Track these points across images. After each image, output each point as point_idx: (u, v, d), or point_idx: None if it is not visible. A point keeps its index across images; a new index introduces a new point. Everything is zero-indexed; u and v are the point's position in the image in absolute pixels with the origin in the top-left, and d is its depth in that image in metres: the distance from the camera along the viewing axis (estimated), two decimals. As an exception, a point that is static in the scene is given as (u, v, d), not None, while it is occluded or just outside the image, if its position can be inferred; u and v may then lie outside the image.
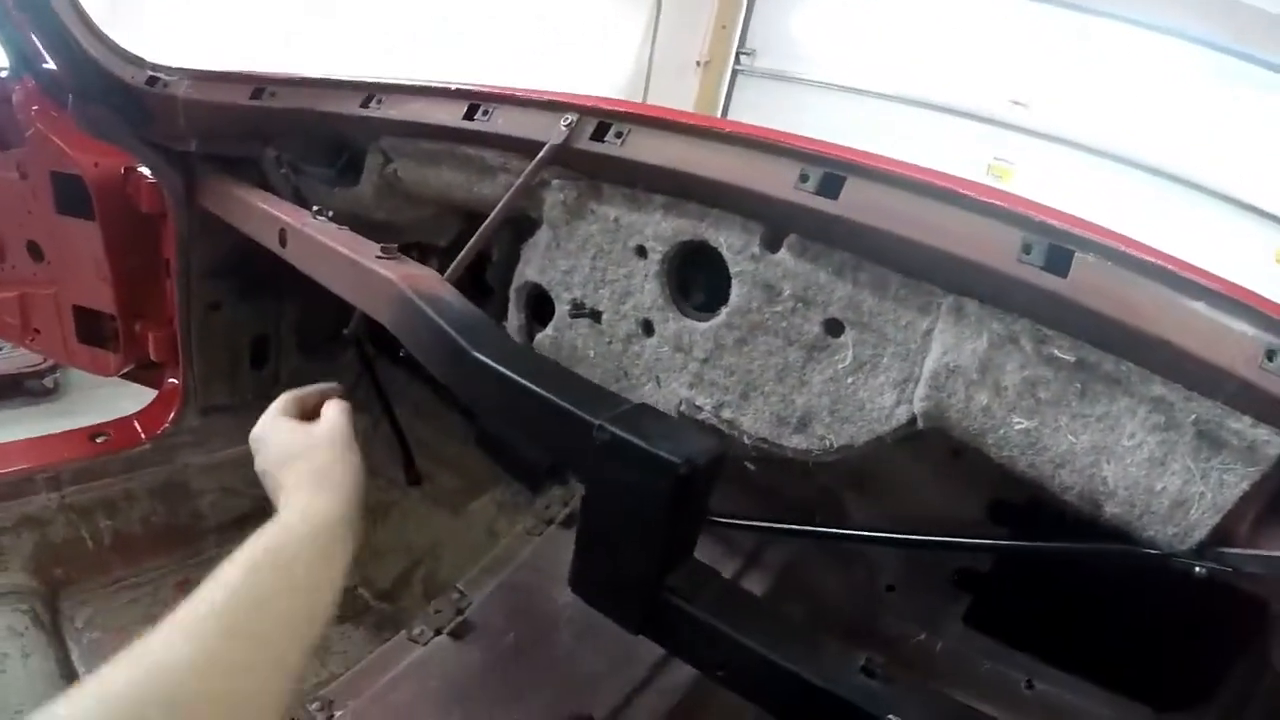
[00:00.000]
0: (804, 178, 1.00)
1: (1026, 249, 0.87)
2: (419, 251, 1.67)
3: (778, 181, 1.02)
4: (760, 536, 1.72)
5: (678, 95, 6.11)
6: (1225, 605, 1.06)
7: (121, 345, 2.11)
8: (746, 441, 1.17)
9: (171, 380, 2.15)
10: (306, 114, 1.59)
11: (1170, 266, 0.84)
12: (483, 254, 1.56)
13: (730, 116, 6.19)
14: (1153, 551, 0.91)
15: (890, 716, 0.83)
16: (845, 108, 5.76)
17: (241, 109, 1.65)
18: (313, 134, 1.71)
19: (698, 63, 6.18)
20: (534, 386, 0.97)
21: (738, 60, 6.24)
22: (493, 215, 1.31)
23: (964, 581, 1.64)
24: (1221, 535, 0.87)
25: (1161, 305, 0.83)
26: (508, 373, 0.99)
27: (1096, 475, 0.91)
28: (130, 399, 2.25)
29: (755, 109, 6.18)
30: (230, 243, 1.81)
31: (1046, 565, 1.49)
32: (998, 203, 0.91)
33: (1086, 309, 0.86)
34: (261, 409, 1.12)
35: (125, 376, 2.25)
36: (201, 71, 1.71)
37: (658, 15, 6.07)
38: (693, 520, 1.00)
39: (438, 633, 1.56)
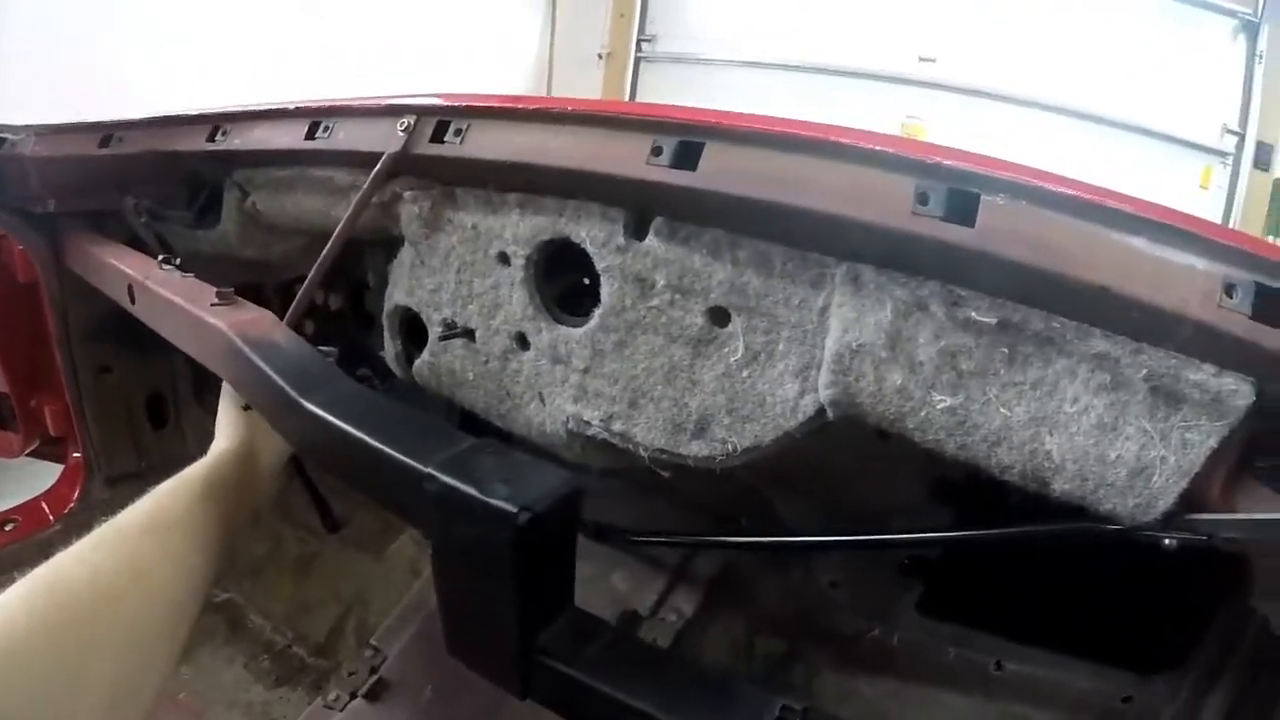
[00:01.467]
0: (657, 151, 0.89)
1: (922, 198, 0.76)
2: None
3: (629, 159, 0.91)
4: (686, 549, 1.64)
5: (583, 89, 6.06)
6: (1201, 560, 0.93)
7: (20, 424, 1.98)
8: (643, 454, 1.06)
9: (75, 454, 2.04)
10: (157, 155, 1.49)
11: (1100, 200, 0.73)
12: (361, 281, 1.47)
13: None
14: (1114, 527, 0.81)
15: None
16: (753, 82, 5.70)
17: (92, 159, 1.55)
18: (167, 176, 1.59)
19: (599, 55, 6.11)
20: (360, 434, 0.84)
21: (639, 48, 6.16)
22: (332, 239, 1.20)
23: (913, 569, 1.57)
24: (1191, 500, 0.77)
25: (1093, 246, 0.72)
26: (335, 421, 0.87)
27: (1039, 450, 0.81)
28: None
29: (662, 95, 6.11)
30: (107, 303, 1.69)
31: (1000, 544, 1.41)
32: (883, 149, 0.79)
33: (1003, 260, 0.74)
34: (170, 472, 0.99)
35: (35, 455, 2.12)
36: (45, 125, 1.60)
37: (554, 11, 6.03)
38: (558, 568, 0.86)
39: (353, 696, 1.47)
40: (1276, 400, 0.72)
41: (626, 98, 6.13)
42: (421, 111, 1.11)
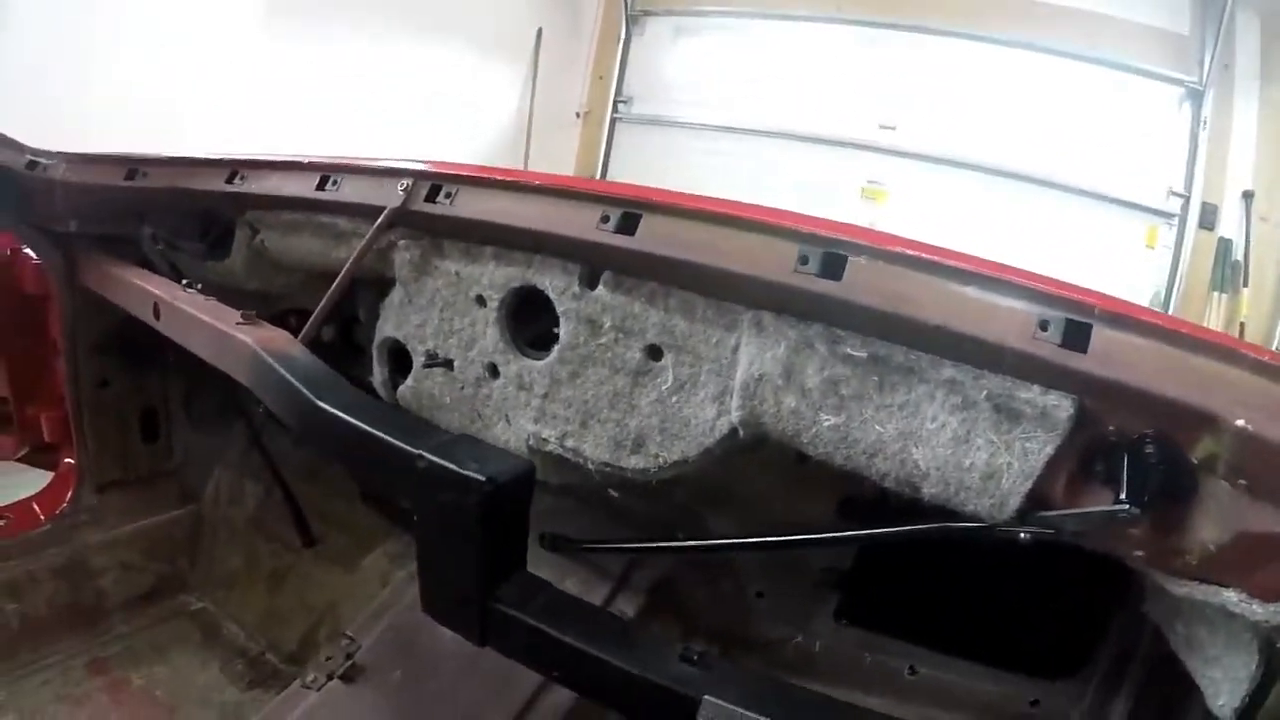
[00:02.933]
0: (605, 219, 1.11)
1: (803, 260, 0.97)
2: (297, 317, 1.72)
3: (583, 224, 1.13)
4: (629, 559, 1.77)
5: (560, 146, 6.25)
6: (1089, 569, 1.12)
7: (16, 428, 2.11)
8: (591, 468, 1.25)
9: (68, 460, 2.16)
10: (177, 192, 1.66)
11: (939, 259, 0.92)
12: (353, 317, 1.66)
13: (611, 163, 6.35)
14: (976, 525, 0.97)
15: (706, 697, 0.91)
16: (722, 146, 5.91)
17: (116, 189, 1.71)
18: (184, 211, 1.77)
19: (577, 114, 6.31)
20: (366, 426, 1.07)
21: (615, 109, 6.36)
22: (340, 277, 1.40)
23: (828, 580, 1.71)
24: (1038, 500, 0.94)
25: (934, 294, 0.92)
26: (345, 417, 1.09)
27: (908, 460, 0.98)
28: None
29: (635, 154, 6.32)
30: (113, 319, 1.86)
31: (903, 553, 1.55)
32: (774, 221, 1.00)
33: (865, 307, 0.94)
34: (156, 483, 1.17)
35: (24, 460, 2.24)
36: (78, 154, 1.76)
37: (536, 70, 6.18)
38: (514, 535, 1.09)
39: (330, 678, 1.61)
40: (1099, 413, 0.90)
41: (601, 155, 6.29)
42: (418, 175, 1.32)
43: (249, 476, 2.28)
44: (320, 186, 1.43)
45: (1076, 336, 0.87)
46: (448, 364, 1.39)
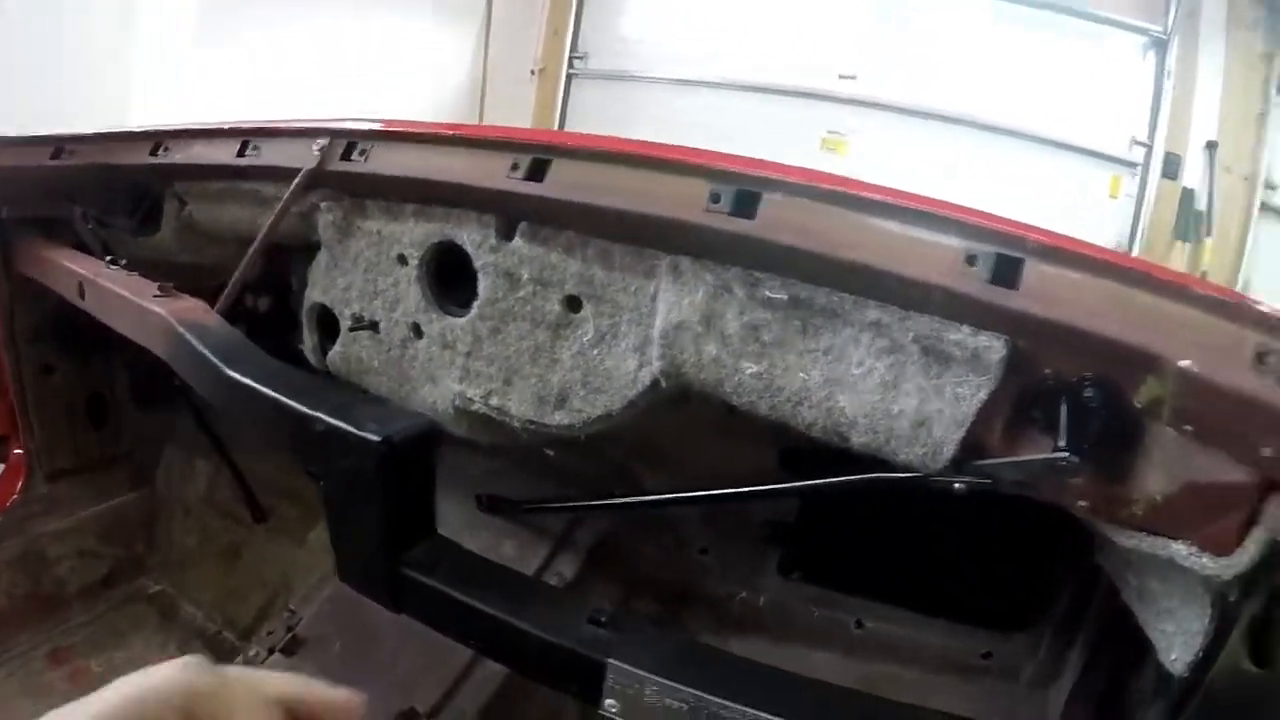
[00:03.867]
0: (515, 167, 1.07)
1: (715, 198, 0.92)
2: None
3: (494, 174, 1.09)
4: (569, 520, 1.76)
5: (515, 104, 6.12)
6: (1041, 518, 1.06)
7: (-38, 422, 2.09)
8: (517, 425, 1.23)
9: (16, 451, 2.14)
10: (104, 168, 1.62)
11: (858, 192, 0.88)
12: (286, 285, 1.63)
13: (569, 121, 6.23)
14: (910, 475, 0.94)
15: (611, 660, 0.89)
16: (681, 100, 5.81)
17: (44, 170, 1.67)
18: (113, 187, 1.72)
19: (532, 71, 6.15)
20: (270, 392, 1.04)
21: (571, 65, 6.22)
22: (256, 243, 1.37)
23: (771, 534, 1.69)
24: (973, 449, 0.89)
25: (853, 230, 0.87)
26: (253, 384, 1.05)
27: (834, 408, 0.94)
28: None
29: (592, 111, 6.20)
30: (52, 305, 1.82)
31: (847, 505, 1.53)
32: (684, 159, 0.97)
33: (781, 246, 0.90)
34: (108, 469, 1.14)
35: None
36: (1, 138, 1.72)
37: (488, 28, 6.09)
38: (419, 496, 1.06)
39: (271, 651, 1.61)
40: (1034, 355, 0.84)
41: (558, 114, 6.20)
42: (333, 134, 1.29)
43: (199, 455, 2.25)
44: (241, 152, 1.39)
45: (1007, 271, 0.82)
46: (373, 326, 1.36)
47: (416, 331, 1.31)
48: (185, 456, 2.29)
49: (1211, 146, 4.94)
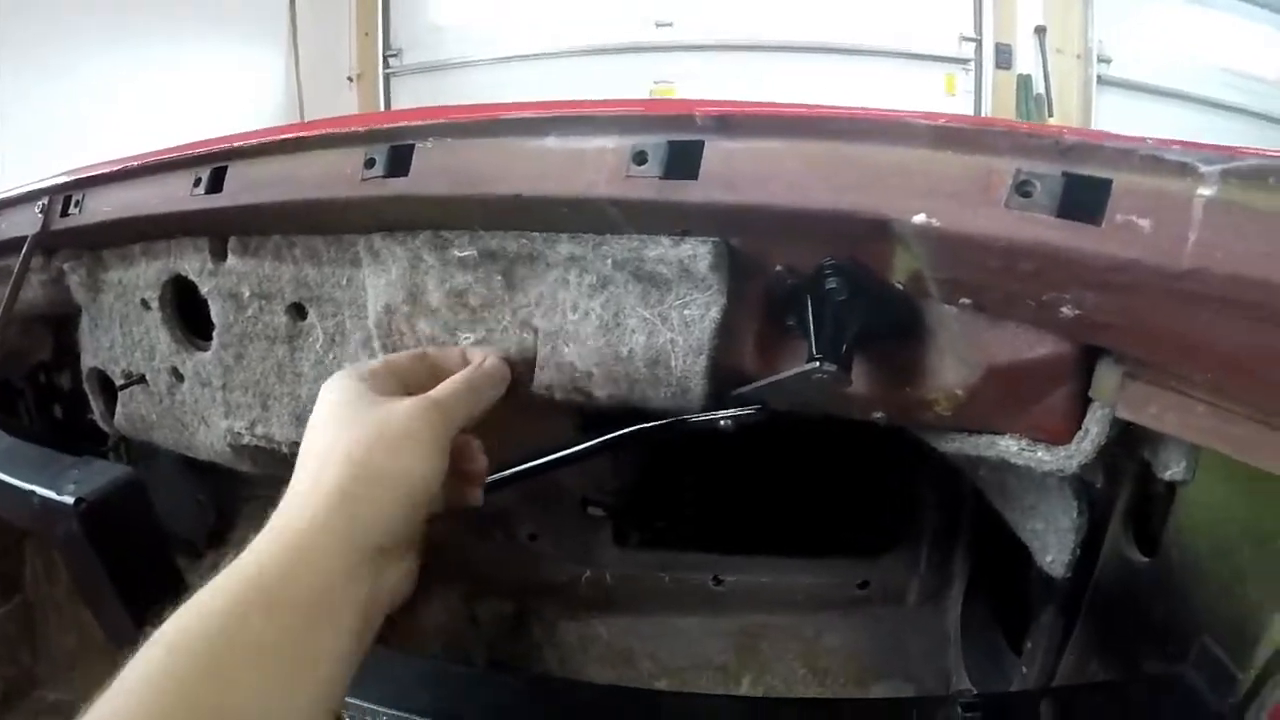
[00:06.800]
0: (196, 182, 1.00)
1: (369, 163, 0.83)
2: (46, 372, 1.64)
3: (178, 195, 1.02)
4: None
5: (339, 114, 5.70)
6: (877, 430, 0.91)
7: None
8: (286, 451, 1.16)
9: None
10: None
11: (505, 115, 0.78)
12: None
13: (397, 120, 6.08)
14: (671, 420, 0.82)
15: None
16: (507, 76, 5.69)
17: None
18: None
19: (349, 78, 5.97)
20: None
21: (387, 64, 6.05)
22: None
23: (593, 506, 1.63)
24: (727, 376, 0.78)
25: (508, 159, 0.75)
26: None
27: (564, 364, 0.83)
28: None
29: (421, 106, 5.95)
30: None
31: (665, 461, 1.47)
32: (340, 130, 0.89)
33: (435, 197, 0.80)
34: None
35: None
36: None
37: (295, 41, 5.88)
38: (151, 557, 0.99)
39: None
40: (756, 252, 0.72)
41: (382, 116, 6.05)
42: (53, 191, 1.20)
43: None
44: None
45: (682, 160, 0.68)
46: (140, 380, 1.28)
47: (177, 375, 1.24)
48: (44, 552, 2.18)
49: (1040, 31, 5.09)
